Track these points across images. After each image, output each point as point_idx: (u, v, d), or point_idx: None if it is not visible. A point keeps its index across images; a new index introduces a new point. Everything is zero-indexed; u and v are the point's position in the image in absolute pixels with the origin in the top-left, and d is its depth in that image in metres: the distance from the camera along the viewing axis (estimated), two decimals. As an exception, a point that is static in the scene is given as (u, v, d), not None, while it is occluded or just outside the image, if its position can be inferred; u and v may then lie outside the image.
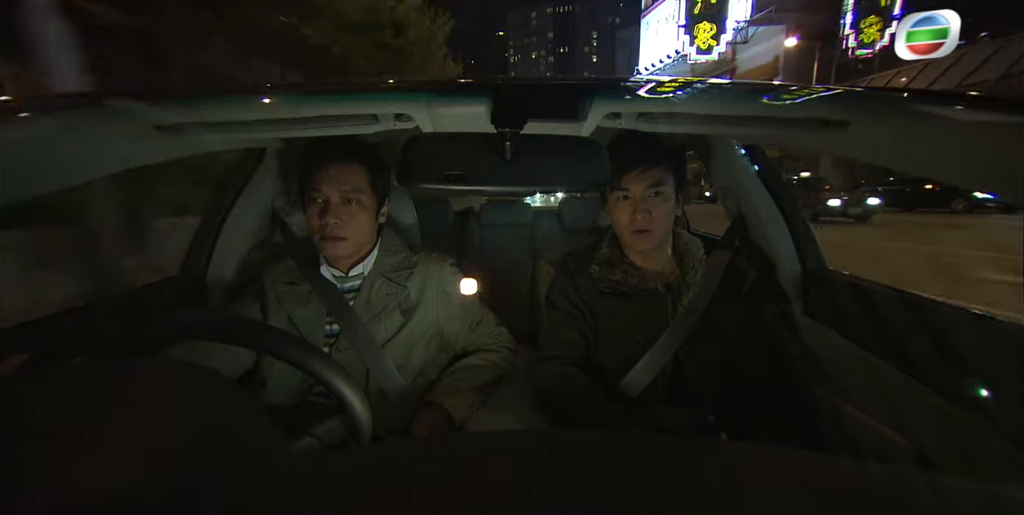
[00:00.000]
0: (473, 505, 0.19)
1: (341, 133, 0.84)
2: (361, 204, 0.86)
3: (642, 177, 0.88)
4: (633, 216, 0.90)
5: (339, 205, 0.84)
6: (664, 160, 0.90)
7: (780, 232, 1.06)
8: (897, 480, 0.21)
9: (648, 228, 0.90)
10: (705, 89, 0.65)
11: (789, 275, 1.06)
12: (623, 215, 0.91)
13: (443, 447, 0.26)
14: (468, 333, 1.01)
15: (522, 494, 0.19)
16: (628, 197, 0.90)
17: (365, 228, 0.89)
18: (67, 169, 0.64)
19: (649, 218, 0.89)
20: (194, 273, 1.07)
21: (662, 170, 0.89)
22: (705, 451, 0.25)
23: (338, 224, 0.84)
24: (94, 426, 0.31)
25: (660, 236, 0.92)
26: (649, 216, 0.89)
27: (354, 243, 0.88)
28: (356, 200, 0.86)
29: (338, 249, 0.86)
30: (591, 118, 0.76)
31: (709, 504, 0.19)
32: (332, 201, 0.84)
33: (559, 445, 0.25)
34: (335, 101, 0.73)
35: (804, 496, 0.20)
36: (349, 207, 0.85)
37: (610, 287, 0.95)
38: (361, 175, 0.87)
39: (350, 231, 0.86)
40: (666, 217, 0.91)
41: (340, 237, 0.85)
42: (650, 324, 0.92)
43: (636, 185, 0.89)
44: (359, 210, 0.86)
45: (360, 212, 0.87)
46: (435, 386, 0.91)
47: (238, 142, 1.00)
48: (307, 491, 0.20)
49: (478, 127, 0.67)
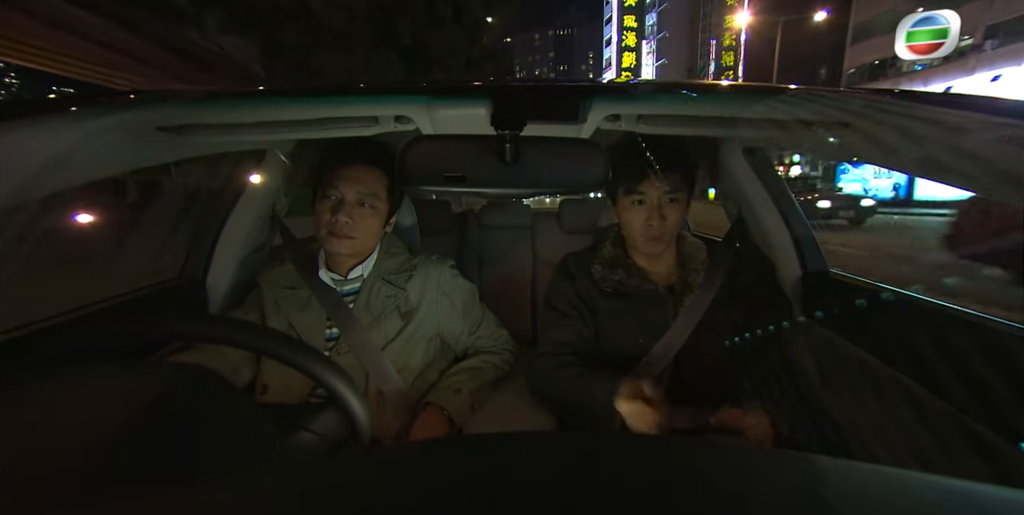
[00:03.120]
0: (473, 506, 0.19)
1: (342, 135, 0.84)
2: (375, 209, 0.88)
3: (661, 183, 0.87)
4: (648, 221, 0.88)
5: (353, 205, 0.85)
6: (683, 165, 0.90)
7: (781, 234, 1.06)
8: (897, 481, 0.21)
9: (660, 234, 0.90)
10: (705, 91, 0.65)
11: (790, 277, 1.05)
12: (636, 219, 0.90)
13: (443, 448, 0.26)
14: (468, 335, 1.01)
15: (522, 494, 0.19)
16: (644, 202, 0.89)
17: (373, 232, 0.89)
18: (68, 170, 0.64)
19: (664, 224, 0.88)
20: (194, 276, 1.07)
21: (680, 176, 0.89)
22: (705, 452, 0.25)
23: (348, 223, 0.84)
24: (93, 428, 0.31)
25: (669, 240, 0.93)
26: (664, 222, 0.88)
27: (359, 244, 0.88)
28: (370, 204, 0.87)
29: (343, 247, 0.86)
30: (591, 120, 0.76)
31: (709, 505, 0.19)
32: (347, 200, 0.85)
33: (559, 446, 0.25)
34: (335, 103, 0.73)
35: (804, 497, 0.20)
36: (362, 209, 0.86)
37: (612, 287, 0.95)
38: (381, 181, 0.88)
39: (359, 232, 0.86)
40: (678, 222, 0.91)
41: (348, 236, 0.85)
42: (651, 325, 0.92)
43: (654, 190, 0.88)
44: (371, 214, 0.87)
45: (372, 216, 0.87)
46: (435, 388, 0.91)
47: (239, 144, 1.00)
48: (305, 494, 0.20)
49: (478, 129, 0.67)
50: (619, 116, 0.77)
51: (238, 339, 0.53)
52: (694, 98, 0.68)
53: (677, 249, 0.98)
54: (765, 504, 0.19)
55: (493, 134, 0.63)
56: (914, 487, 0.21)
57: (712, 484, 0.21)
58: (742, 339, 0.92)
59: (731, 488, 0.21)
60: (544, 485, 0.20)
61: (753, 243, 1.10)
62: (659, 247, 0.92)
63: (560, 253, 1.11)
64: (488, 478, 0.21)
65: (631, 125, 0.79)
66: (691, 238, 1.02)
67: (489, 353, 1.01)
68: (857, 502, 0.19)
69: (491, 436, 0.27)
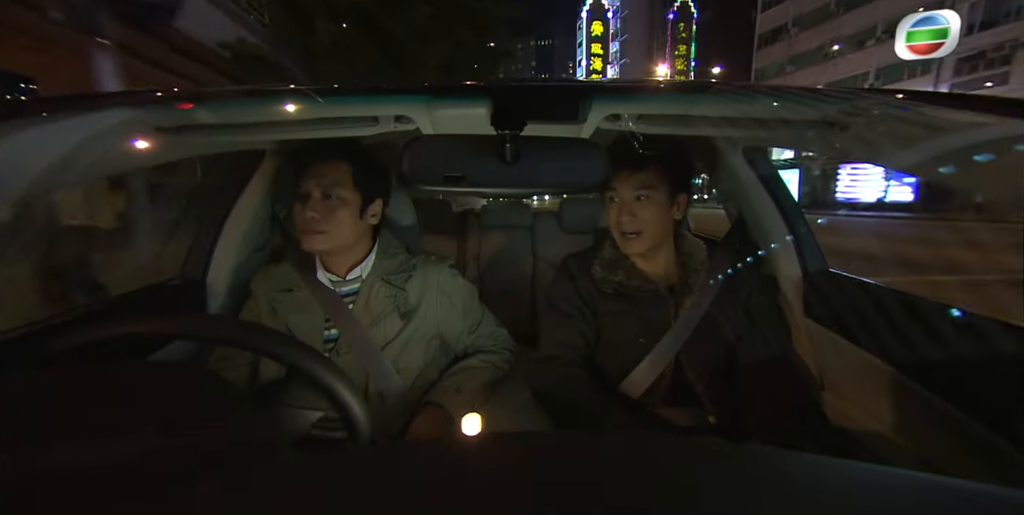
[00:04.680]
0: (472, 506, 0.19)
1: (342, 135, 0.84)
2: (341, 199, 0.86)
3: (629, 180, 0.89)
4: (619, 218, 0.91)
5: (319, 200, 0.85)
6: (654, 163, 0.89)
7: (781, 234, 1.06)
8: (898, 481, 0.21)
9: (633, 230, 0.90)
10: (705, 91, 0.65)
11: (790, 277, 1.05)
12: (611, 215, 0.93)
13: (443, 448, 0.26)
14: (468, 335, 1.01)
15: (521, 495, 0.19)
16: (615, 198, 0.91)
17: (345, 224, 0.88)
18: (68, 170, 0.64)
19: (634, 220, 0.89)
20: (194, 276, 1.07)
21: (652, 173, 0.89)
22: (705, 452, 0.25)
23: (315, 218, 0.84)
24: (95, 427, 0.31)
25: (649, 240, 0.92)
26: (634, 218, 0.89)
27: (333, 238, 0.87)
28: (336, 195, 0.86)
29: (315, 243, 0.86)
30: (591, 120, 0.76)
31: (709, 505, 0.19)
32: (313, 196, 0.85)
33: (559, 446, 0.25)
34: (335, 103, 0.73)
35: (804, 497, 0.20)
36: (328, 202, 0.86)
37: (612, 288, 0.95)
38: (342, 171, 0.87)
39: (329, 225, 0.86)
40: (656, 221, 0.90)
41: (318, 231, 0.85)
42: (652, 325, 0.92)
43: (624, 187, 0.90)
44: (338, 205, 0.86)
45: (340, 207, 0.86)
46: (435, 387, 0.91)
47: (238, 144, 1.00)
48: (306, 494, 0.20)
49: (478, 129, 0.67)
50: (619, 116, 0.77)
51: (237, 339, 0.53)
52: (695, 98, 0.68)
53: (677, 249, 0.98)
54: (765, 504, 0.19)
55: (493, 134, 0.63)
56: (914, 487, 0.21)
57: (712, 484, 0.21)
58: (743, 339, 0.92)
59: (731, 487, 0.20)
60: (544, 484, 0.20)
61: (753, 243, 1.10)
62: (635, 246, 0.92)
63: (560, 253, 1.11)
64: (488, 477, 0.21)
65: (631, 125, 0.79)
66: (691, 238, 1.01)
67: (489, 353, 1.01)
68: (857, 502, 0.19)
69: (491, 436, 0.27)
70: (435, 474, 0.22)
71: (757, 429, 0.80)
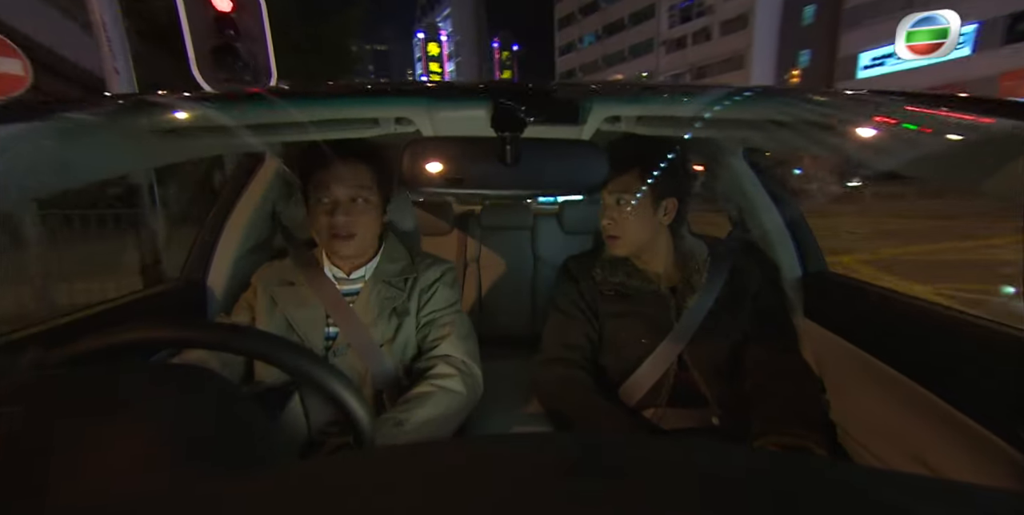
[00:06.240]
0: (472, 507, 0.19)
1: (342, 137, 0.84)
2: (368, 202, 0.87)
3: (610, 185, 0.90)
4: (601, 220, 0.94)
5: (347, 203, 0.85)
6: (634, 168, 0.89)
7: (781, 235, 1.06)
8: (898, 482, 0.21)
9: (614, 234, 0.92)
10: (704, 92, 0.65)
11: (790, 278, 1.05)
12: (600, 218, 0.95)
13: (443, 448, 0.26)
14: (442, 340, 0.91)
15: (521, 495, 0.19)
16: (600, 201, 0.95)
17: (372, 226, 0.89)
18: (68, 172, 0.65)
19: (614, 224, 0.91)
20: (194, 278, 1.07)
21: (632, 178, 0.89)
22: (706, 453, 0.25)
23: (348, 222, 0.84)
24: (96, 430, 0.31)
25: (629, 244, 0.92)
26: (613, 222, 0.91)
27: (361, 240, 0.88)
28: (364, 198, 0.86)
29: (349, 247, 0.86)
30: (591, 122, 0.76)
31: (709, 506, 0.19)
32: (341, 200, 0.85)
33: (559, 447, 0.25)
34: (336, 104, 0.73)
35: (805, 498, 0.20)
36: (356, 205, 0.86)
37: (613, 289, 0.95)
38: (367, 173, 0.87)
39: (359, 228, 0.86)
40: (635, 226, 0.90)
41: (350, 234, 0.85)
42: (654, 326, 0.92)
43: (605, 191, 0.92)
44: (366, 208, 0.87)
45: (368, 210, 0.87)
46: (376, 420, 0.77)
47: (239, 146, 1.00)
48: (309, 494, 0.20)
49: (478, 131, 0.67)
50: (619, 118, 0.77)
51: (234, 344, 0.52)
52: (695, 99, 0.68)
53: (676, 249, 0.98)
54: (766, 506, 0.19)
55: (493, 136, 0.63)
56: (914, 487, 0.21)
57: (712, 484, 0.21)
58: (748, 340, 0.92)
59: (732, 488, 0.20)
60: (544, 484, 0.20)
61: (754, 244, 1.10)
62: (616, 248, 0.94)
63: (561, 254, 1.11)
64: (488, 477, 0.21)
65: (631, 126, 0.79)
66: (691, 238, 1.01)
67: (444, 377, 0.86)
68: (856, 503, 0.19)
69: (491, 436, 0.27)
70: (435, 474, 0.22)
71: (762, 431, 0.79)
